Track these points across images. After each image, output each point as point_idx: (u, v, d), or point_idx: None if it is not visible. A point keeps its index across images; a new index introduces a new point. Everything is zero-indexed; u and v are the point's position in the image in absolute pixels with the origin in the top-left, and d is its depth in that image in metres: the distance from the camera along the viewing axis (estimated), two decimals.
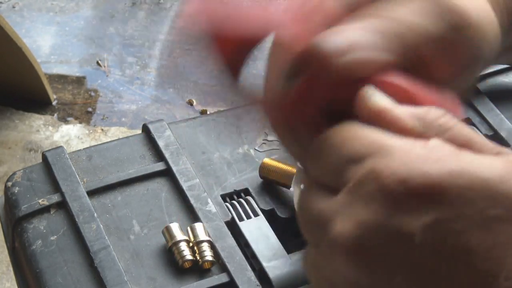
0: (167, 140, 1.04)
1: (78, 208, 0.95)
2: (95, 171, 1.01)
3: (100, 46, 2.27)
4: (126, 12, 2.40)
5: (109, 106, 2.08)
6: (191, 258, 0.89)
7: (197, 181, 0.99)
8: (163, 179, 1.00)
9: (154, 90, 2.13)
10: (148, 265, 0.90)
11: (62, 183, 0.98)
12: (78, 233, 0.93)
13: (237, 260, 0.91)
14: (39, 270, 0.89)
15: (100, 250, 0.91)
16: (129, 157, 1.03)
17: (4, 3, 2.41)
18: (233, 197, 0.99)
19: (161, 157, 1.02)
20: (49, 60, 2.21)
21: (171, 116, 2.03)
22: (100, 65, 2.19)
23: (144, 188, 0.99)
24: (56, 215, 0.95)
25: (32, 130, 1.99)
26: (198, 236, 0.91)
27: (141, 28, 2.34)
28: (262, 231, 0.94)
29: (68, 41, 2.28)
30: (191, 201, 0.97)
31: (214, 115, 1.11)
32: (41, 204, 0.95)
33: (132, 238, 0.93)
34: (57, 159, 1.01)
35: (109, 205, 0.97)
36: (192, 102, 2.09)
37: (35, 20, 2.35)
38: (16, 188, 0.98)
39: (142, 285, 0.88)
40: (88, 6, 2.42)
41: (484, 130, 1.14)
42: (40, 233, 0.93)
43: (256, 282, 0.88)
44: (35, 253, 0.91)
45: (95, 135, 1.98)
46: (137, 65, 2.20)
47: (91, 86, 2.14)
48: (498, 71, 1.22)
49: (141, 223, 0.95)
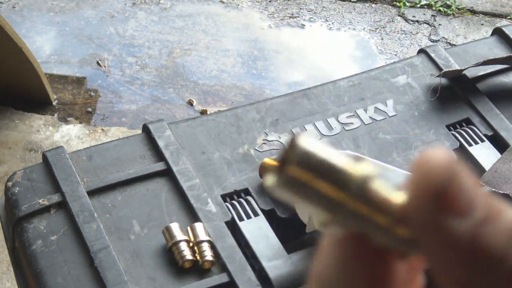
0: (167, 140, 1.04)
1: (78, 208, 0.95)
2: (95, 171, 1.01)
3: (100, 46, 2.27)
4: (126, 12, 2.40)
5: (109, 106, 2.08)
6: (191, 258, 0.89)
7: (197, 181, 1.00)
8: (163, 179, 1.01)
9: (154, 90, 2.13)
10: (148, 265, 0.91)
11: (62, 183, 0.98)
12: (78, 233, 0.93)
13: (237, 260, 0.91)
14: (39, 270, 0.89)
15: (100, 250, 0.91)
16: (129, 157, 1.03)
17: (4, 3, 2.41)
18: (233, 197, 1.00)
19: (161, 157, 1.02)
20: (49, 60, 2.21)
21: (171, 116, 2.03)
22: (100, 65, 2.20)
23: (144, 188, 0.99)
24: (56, 215, 0.95)
25: (32, 130, 1.99)
26: (198, 236, 0.91)
27: (141, 28, 2.34)
28: (262, 231, 0.94)
29: (68, 41, 2.28)
30: (191, 201, 0.97)
31: (214, 115, 1.11)
32: (41, 204, 0.95)
33: (132, 238, 0.93)
34: (57, 159, 1.01)
35: (109, 205, 0.97)
36: (192, 102, 2.09)
37: (35, 20, 2.35)
38: (16, 188, 0.98)
39: (142, 285, 0.88)
40: (88, 6, 2.42)
41: (484, 130, 1.14)
42: (40, 233, 0.93)
43: (256, 282, 0.89)
44: (35, 253, 0.91)
45: (95, 135, 1.98)
46: (137, 65, 2.20)
47: (91, 86, 2.14)
48: (498, 71, 1.22)
49: (141, 223, 0.95)
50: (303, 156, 0.30)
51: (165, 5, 2.45)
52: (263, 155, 1.03)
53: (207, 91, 2.16)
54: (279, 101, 1.12)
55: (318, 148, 0.30)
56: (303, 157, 0.30)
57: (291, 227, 0.96)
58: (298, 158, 0.29)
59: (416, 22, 2.50)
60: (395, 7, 2.55)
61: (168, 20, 2.40)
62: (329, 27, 2.44)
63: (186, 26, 2.38)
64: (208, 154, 1.04)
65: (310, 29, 2.42)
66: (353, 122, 1.10)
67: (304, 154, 0.30)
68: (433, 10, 2.54)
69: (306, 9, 2.50)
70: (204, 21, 2.41)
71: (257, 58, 2.27)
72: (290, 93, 1.15)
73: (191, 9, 2.45)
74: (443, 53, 1.20)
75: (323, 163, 0.30)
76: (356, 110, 1.12)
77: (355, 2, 2.54)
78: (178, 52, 2.28)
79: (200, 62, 2.24)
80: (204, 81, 2.18)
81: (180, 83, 2.18)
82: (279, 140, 1.07)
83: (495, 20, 2.54)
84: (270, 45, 2.33)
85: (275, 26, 2.42)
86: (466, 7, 2.57)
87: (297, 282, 0.89)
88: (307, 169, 0.29)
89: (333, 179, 0.30)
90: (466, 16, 2.54)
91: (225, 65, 2.24)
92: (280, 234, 0.94)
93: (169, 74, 2.21)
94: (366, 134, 1.08)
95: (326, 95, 1.13)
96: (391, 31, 2.45)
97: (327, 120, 1.10)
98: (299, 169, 0.29)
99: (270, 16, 2.45)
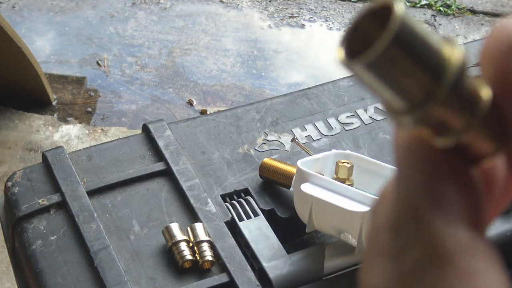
0: (167, 140, 1.04)
1: (78, 208, 0.95)
2: (95, 171, 1.01)
3: (100, 46, 2.27)
4: (126, 12, 2.40)
5: (109, 106, 2.08)
6: (191, 258, 0.89)
7: (197, 181, 1.00)
8: (163, 179, 1.01)
9: (154, 90, 2.13)
10: (148, 265, 0.90)
11: (62, 183, 0.98)
12: (78, 233, 0.93)
13: (237, 260, 0.91)
14: (39, 270, 0.89)
15: (100, 250, 0.91)
16: (129, 157, 1.03)
17: (4, 3, 2.41)
18: (233, 197, 0.99)
19: (161, 157, 1.02)
20: (49, 60, 2.21)
21: (171, 116, 2.03)
22: (100, 65, 2.19)
23: (144, 188, 0.99)
24: (56, 215, 0.95)
25: (32, 130, 1.99)
26: (198, 236, 0.91)
27: (141, 28, 2.34)
28: (262, 231, 0.94)
29: (68, 41, 2.28)
30: (191, 201, 0.97)
31: (214, 115, 1.11)
32: (41, 204, 0.95)
33: (132, 238, 0.93)
34: (57, 159, 1.01)
35: (109, 205, 0.97)
36: (192, 102, 2.09)
37: (35, 20, 2.35)
38: (16, 188, 0.98)
39: (142, 285, 0.88)
40: (88, 6, 2.42)
41: None
42: (40, 233, 0.93)
43: (256, 282, 0.88)
44: (35, 253, 0.91)
45: (95, 135, 1.98)
46: (137, 65, 2.20)
47: (91, 86, 2.14)
48: None
49: (141, 223, 0.95)
50: (403, 30, 0.24)
51: (165, 5, 2.45)
52: (263, 155, 1.03)
53: (207, 91, 2.16)
54: (279, 101, 1.12)
55: (416, 23, 0.24)
56: (403, 32, 0.24)
57: (291, 227, 0.96)
58: (397, 32, 0.24)
59: None
60: None
61: (168, 20, 2.40)
62: (329, 27, 2.44)
63: (186, 26, 2.38)
64: (208, 154, 1.04)
65: (310, 29, 2.42)
66: (353, 122, 1.10)
67: (404, 28, 0.24)
68: (433, 10, 2.54)
69: (306, 9, 2.50)
70: (204, 21, 2.41)
71: (257, 58, 2.27)
72: (290, 93, 1.15)
73: (191, 9, 2.45)
74: None
75: (422, 42, 0.24)
76: (356, 110, 1.11)
77: (355, 2, 2.54)
78: (178, 52, 2.28)
79: (200, 62, 2.24)
80: (204, 81, 2.18)
81: (180, 83, 2.18)
82: (279, 140, 1.06)
83: (495, 20, 2.54)
84: (270, 45, 2.33)
85: (275, 26, 2.41)
86: (466, 7, 2.57)
87: (297, 282, 0.89)
88: (403, 46, 0.24)
89: (428, 64, 0.25)
90: (466, 16, 2.53)
91: (225, 65, 2.24)
92: (280, 234, 0.94)
93: (169, 74, 2.21)
94: (366, 134, 1.08)
95: (326, 95, 1.13)
96: None
97: (327, 120, 1.10)
98: (393, 45, 0.24)
99: (270, 16, 2.45)
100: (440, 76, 0.25)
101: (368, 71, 0.25)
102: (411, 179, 0.26)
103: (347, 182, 0.91)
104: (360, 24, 0.25)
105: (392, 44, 0.24)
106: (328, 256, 0.91)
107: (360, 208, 0.84)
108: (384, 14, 0.24)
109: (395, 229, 0.26)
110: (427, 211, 0.26)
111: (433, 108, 0.25)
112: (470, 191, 0.26)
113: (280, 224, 0.96)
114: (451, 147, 0.27)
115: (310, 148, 1.05)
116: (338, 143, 1.06)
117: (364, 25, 0.25)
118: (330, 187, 0.88)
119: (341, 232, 0.89)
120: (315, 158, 0.94)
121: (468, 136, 0.26)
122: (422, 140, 0.27)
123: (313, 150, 1.05)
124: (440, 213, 0.26)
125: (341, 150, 1.00)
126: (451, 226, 0.25)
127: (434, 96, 0.25)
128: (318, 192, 0.88)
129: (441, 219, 0.25)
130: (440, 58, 0.25)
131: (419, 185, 0.26)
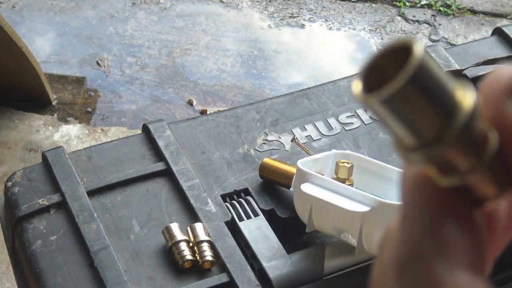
0: (167, 140, 1.04)
1: (78, 208, 0.95)
2: (95, 171, 1.01)
3: (100, 46, 2.27)
4: (126, 12, 2.40)
5: (109, 106, 2.08)
6: (191, 258, 0.89)
7: (197, 181, 1.00)
8: (163, 179, 1.01)
9: (154, 90, 2.13)
10: (148, 265, 0.90)
11: (62, 183, 0.98)
12: (78, 233, 0.93)
13: (237, 260, 0.91)
14: (39, 270, 0.89)
15: (100, 250, 0.91)
16: (129, 157, 1.03)
17: (4, 3, 2.41)
18: (233, 197, 0.99)
19: (161, 157, 1.02)
20: (49, 60, 2.21)
21: (171, 116, 2.03)
22: (100, 65, 2.19)
23: (144, 188, 0.99)
24: (56, 215, 0.95)
25: (32, 130, 1.99)
26: (198, 236, 0.91)
27: (141, 28, 2.34)
28: (262, 231, 0.94)
29: (68, 41, 2.28)
30: (191, 201, 0.97)
31: (214, 115, 1.11)
32: (41, 204, 0.95)
33: (132, 238, 0.93)
34: (57, 159, 1.01)
35: (109, 205, 0.97)
36: (192, 102, 2.09)
37: (35, 20, 2.35)
38: (16, 188, 0.98)
39: (142, 285, 0.88)
40: (88, 6, 2.42)
41: None
42: (40, 233, 0.93)
43: (256, 282, 0.88)
44: (35, 253, 0.91)
45: (95, 135, 1.98)
46: (137, 65, 2.20)
47: (91, 86, 2.14)
48: None
49: (141, 223, 0.95)
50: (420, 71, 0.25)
51: (165, 5, 2.45)
52: (263, 155, 1.03)
53: (207, 91, 2.16)
54: (279, 101, 1.12)
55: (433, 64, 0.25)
56: (420, 73, 0.25)
57: (291, 227, 0.96)
58: (414, 72, 0.24)
59: (416, 22, 2.50)
60: (395, 7, 2.55)
61: (168, 20, 2.40)
62: (329, 27, 2.44)
63: (186, 26, 2.38)
64: (208, 154, 1.04)
65: (310, 29, 2.42)
66: (353, 122, 1.10)
67: (422, 70, 0.25)
68: (433, 10, 2.54)
69: (306, 9, 2.50)
70: (204, 21, 2.41)
71: (257, 58, 2.27)
72: (290, 93, 1.15)
73: (191, 9, 2.45)
74: (443, 53, 1.20)
75: (437, 84, 0.25)
76: (356, 110, 1.11)
77: (355, 2, 2.54)
78: (178, 52, 2.28)
79: (200, 62, 2.24)
80: (204, 81, 2.18)
81: (180, 83, 2.17)
82: (279, 140, 1.07)
83: (495, 20, 2.54)
84: (270, 45, 2.33)
85: (275, 26, 2.41)
86: (466, 7, 2.57)
87: (297, 282, 0.89)
88: (418, 87, 0.25)
89: (441, 106, 0.25)
90: (466, 16, 2.53)
91: (225, 65, 2.24)
92: (280, 234, 0.94)
93: (169, 74, 2.21)
94: (366, 134, 1.08)
95: (326, 95, 1.13)
96: (391, 31, 2.45)
97: (327, 120, 1.10)
98: (410, 85, 0.25)
99: (270, 16, 2.45)
100: (451, 119, 0.26)
101: (383, 107, 0.26)
102: (415, 220, 0.27)
103: (347, 182, 0.91)
104: (379, 60, 0.26)
105: (408, 84, 0.25)
106: (328, 256, 0.91)
107: (360, 208, 0.84)
108: (403, 53, 0.25)
109: (399, 268, 0.27)
110: (429, 254, 0.27)
111: (442, 148, 0.26)
112: (472, 234, 0.27)
113: (280, 224, 0.96)
114: (456, 187, 0.27)
115: (310, 148, 1.05)
116: (338, 143, 1.06)
117: (382, 62, 0.26)
118: (330, 187, 0.88)
119: (341, 232, 0.89)
120: (315, 158, 0.94)
121: (473, 178, 0.27)
122: (428, 179, 0.28)
123: (313, 150, 1.05)
124: (442, 256, 0.26)
125: (341, 150, 1.00)
126: (453, 269, 0.26)
127: (444, 138, 0.26)
128: (318, 192, 0.88)
129: (443, 262, 0.26)
130: (453, 102, 0.26)
131: (423, 227, 0.27)
